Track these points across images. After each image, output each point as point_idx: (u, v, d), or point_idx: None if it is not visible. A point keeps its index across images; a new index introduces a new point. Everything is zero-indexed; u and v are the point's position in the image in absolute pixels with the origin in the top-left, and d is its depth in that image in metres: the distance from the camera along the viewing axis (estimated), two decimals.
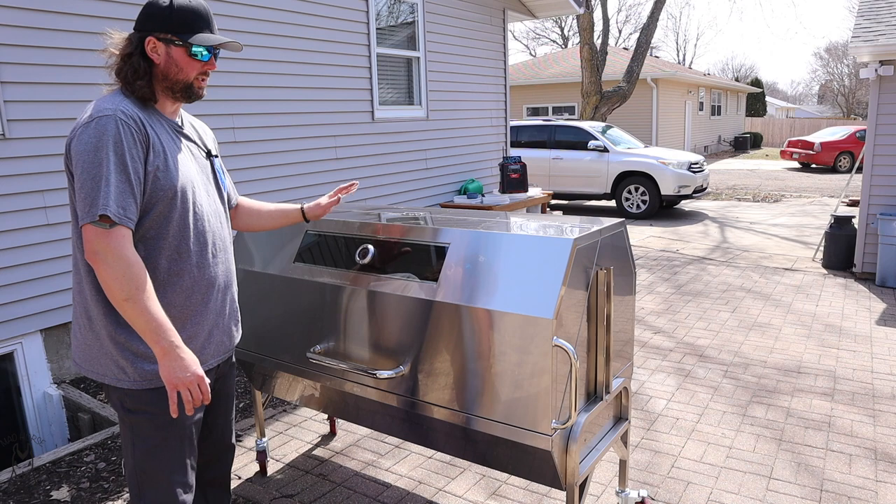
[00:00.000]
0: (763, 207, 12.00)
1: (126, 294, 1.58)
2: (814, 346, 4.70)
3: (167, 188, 1.71)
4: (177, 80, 1.76)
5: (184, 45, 1.75)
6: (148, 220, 1.70)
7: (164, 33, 1.73)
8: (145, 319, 1.60)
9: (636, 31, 40.17)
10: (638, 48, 14.52)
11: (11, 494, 3.01)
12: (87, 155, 1.60)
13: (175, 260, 1.75)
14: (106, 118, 1.62)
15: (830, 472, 3.03)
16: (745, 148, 28.93)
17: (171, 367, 1.63)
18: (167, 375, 1.63)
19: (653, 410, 3.72)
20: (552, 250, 1.97)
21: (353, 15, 6.16)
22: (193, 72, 1.78)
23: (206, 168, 1.91)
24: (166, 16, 1.73)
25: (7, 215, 3.84)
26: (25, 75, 3.88)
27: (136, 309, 1.59)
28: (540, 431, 1.94)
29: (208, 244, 1.83)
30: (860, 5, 7.30)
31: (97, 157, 1.59)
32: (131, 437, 1.78)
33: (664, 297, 6.06)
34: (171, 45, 1.74)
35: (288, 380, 2.71)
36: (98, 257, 1.59)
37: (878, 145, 6.40)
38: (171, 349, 1.62)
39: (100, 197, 1.57)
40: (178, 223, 1.74)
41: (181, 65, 1.76)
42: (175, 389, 1.64)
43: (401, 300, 2.20)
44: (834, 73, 51.61)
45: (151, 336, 1.61)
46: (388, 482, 3.02)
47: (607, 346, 2.17)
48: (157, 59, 1.74)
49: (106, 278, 1.59)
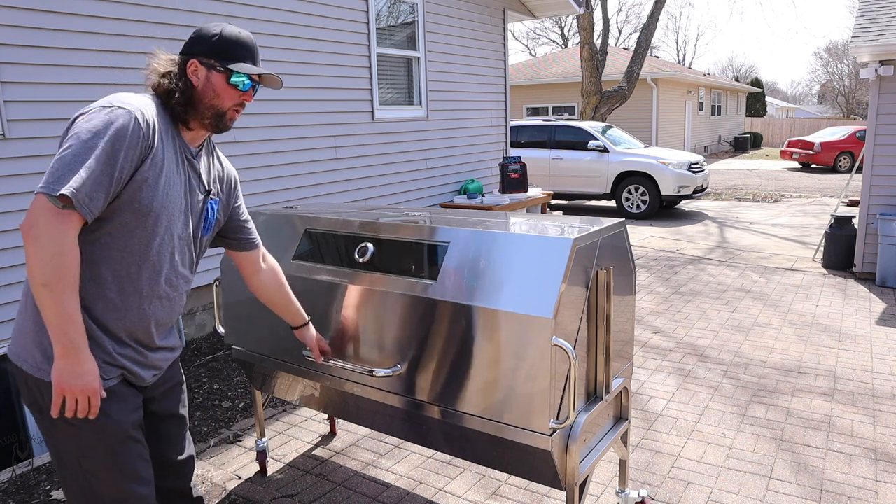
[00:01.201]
0: (763, 207, 12.00)
1: (45, 279, 1.48)
2: (814, 346, 4.70)
3: (145, 203, 1.63)
4: (211, 104, 1.75)
5: (224, 72, 1.74)
6: (110, 226, 1.61)
7: (208, 58, 1.74)
8: (56, 313, 1.50)
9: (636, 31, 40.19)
10: (638, 48, 14.53)
11: (11, 494, 3.01)
12: (84, 134, 1.53)
13: (120, 278, 1.65)
14: (123, 111, 1.58)
15: (830, 472, 3.03)
16: (745, 148, 28.93)
17: (65, 371, 1.53)
18: (57, 377, 1.54)
19: (653, 410, 3.72)
20: (552, 250, 1.97)
21: (353, 15, 6.16)
22: (230, 101, 1.77)
23: (196, 205, 1.82)
24: (213, 42, 1.74)
25: (7, 215, 3.84)
26: (25, 75, 3.88)
27: (50, 298, 1.49)
28: (539, 431, 1.94)
29: (161, 278, 1.73)
30: (860, 5, 7.30)
31: (93, 141, 1.52)
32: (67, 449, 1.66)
33: (664, 297, 6.06)
34: (212, 70, 1.74)
35: (288, 380, 2.71)
36: (32, 231, 1.48)
37: (878, 145, 6.40)
38: (72, 351, 1.53)
39: (70, 177, 1.48)
40: (140, 244, 1.66)
41: (218, 90, 1.75)
42: (61, 394, 1.55)
43: (399, 298, 2.20)
44: (834, 73, 51.63)
45: (56, 331, 1.52)
46: (388, 482, 3.02)
47: (607, 346, 2.17)
48: (197, 83, 1.74)
49: (32, 256, 1.49)
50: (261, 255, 2.13)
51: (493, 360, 2.00)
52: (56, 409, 1.56)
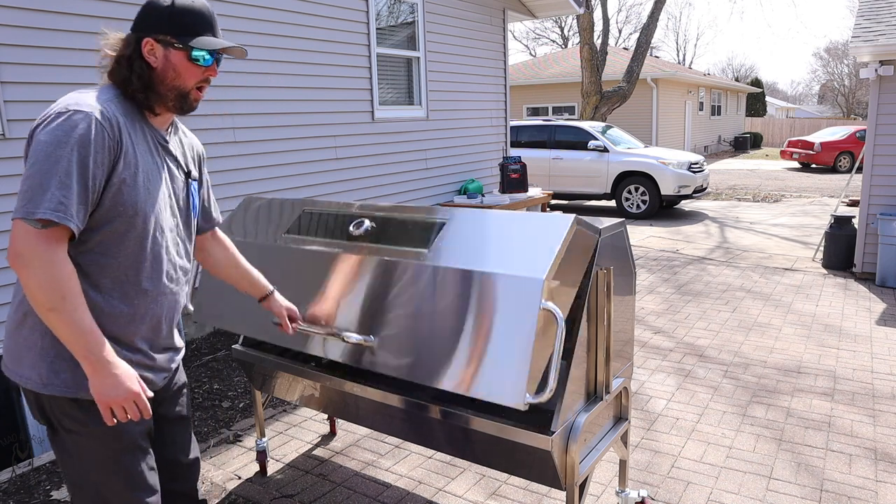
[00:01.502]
0: (763, 207, 12.00)
1: (51, 304, 1.43)
2: (814, 346, 4.70)
3: (129, 204, 1.56)
4: (173, 86, 1.63)
5: (184, 49, 1.61)
6: (100, 235, 1.54)
7: (163, 35, 1.60)
8: (72, 332, 1.45)
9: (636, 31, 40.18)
10: (638, 48, 14.53)
11: (11, 494, 3.01)
12: (47, 147, 1.44)
13: (121, 283, 1.60)
14: (81, 114, 1.48)
15: (830, 472, 3.03)
16: (745, 148, 28.93)
17: (103, 385, 1.49)
18: (98, 393, 1.49)
19: (653, 410, 3.72)
20: (552, 224, 1.96)
21: (353, 15, 6.16)
22: (192, 79, 1.65)
23: (180, 192, 1.75)
24: (166, 16, 1.60)
25: (7, 215, 3.84)
26: (25, 75, 3.88)
27: (62, 321, 1.44)
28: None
29: (162, 274, 1.67)
30: (860, 5, 7.30)
31: (56, 153, 1.43)
32: (74, 456, 1.62)
33: (664, 297, 6.06)
34: (169, 48, 1.61)
35: (288, 380, 2.71)
36: (21, 260, 1.42)
37: (878, 145, 6.40)
38: (102, 365, 1.48)
39: (45, 196, 1.41)
40: (134, 246, 1.59)
41: (179, 70, 1.62)
42: (108, 407, 1.51)
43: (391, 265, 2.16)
44: (834, 73, 51.64)
45: (80, 351, 1.47)
46: (388, 482, 3.02)
47: (607, 346, 2.17)
48: (155, 63, 1.61)
49: (29, 285, 1.42)
50: (215, 233, 2.05)
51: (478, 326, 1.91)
52: (109, 421, 1.54)
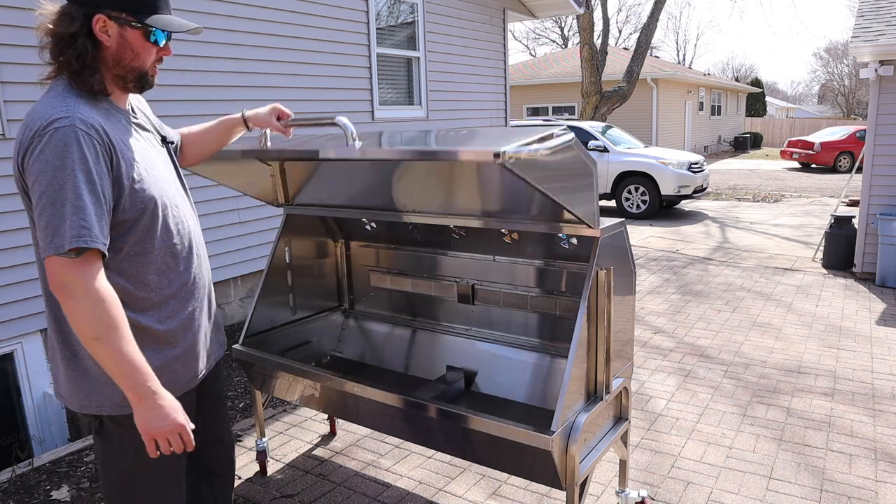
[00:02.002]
0: (763, 207, 11.99)
1: (96, 333, 1.40)
2: (814, 346, 4.70)
3: (148, 199, 1.54)
4: (131, 66, 1.53)
5: (141, 28, 1.50)
6: (132, 237, 1.53)
7: (118, 11, 1.47)
8: (117, 363, 1.42)
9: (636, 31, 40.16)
10: (638, 48, 14.52)
11: (11, 494, 3.01)
12: (46, 175, 1.37)
13: (164, 272, 1.60)
14: (64, 130, 1.39)
15: (830, 472, 3.03)
16: (745, 148, 28.92)
17: (148, 417, 1.47)
18: (143, 425, 1.48)
19: (653, 410, 3.72)
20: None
21: (353, 15, 6.16)
22: (150, 58, 1.56)
23: (167, 159, 1.71)
24: None
25: (7, 215, 3.84)
26: (25, 75, 3.87)
27: (107, 350, 1.41)
28: (539, 432, 1.94)
29: (193, 247, 1.70)
30: (860, 5, 7.30)
31: (58, 177, 1.37)
32: (124, 448, 1.64)
33: (664, 297, 6.06)
34: (125, 27, 1.49)
35: (288, 380, 2.71)
36: (66, 291, 1.39)
37: (878, 145, 6.39)
38: (146, 396, 1.46)
39: (65, 226, 1.36)
40: (163, 233, 1.58)
41: (137, 49, 1.52)
42: (151, 439, 1.50)
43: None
44: (834, 73, 51.63)
45: (125, 381, 1.44)
46: (388, 482, 3.02)
47: (607, 346, 2.17)
48: (108, 42, 1.49)
49: (73, 314, 1.40)
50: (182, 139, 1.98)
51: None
52: (153, 453, 1.52)
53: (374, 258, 3.23)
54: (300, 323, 3.15)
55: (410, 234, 3.03)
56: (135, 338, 1.48)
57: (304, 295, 3.18)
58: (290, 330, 3.09)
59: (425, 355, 3.09)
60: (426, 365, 3.07)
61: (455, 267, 2.95)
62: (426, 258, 3.04)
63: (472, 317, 2.98)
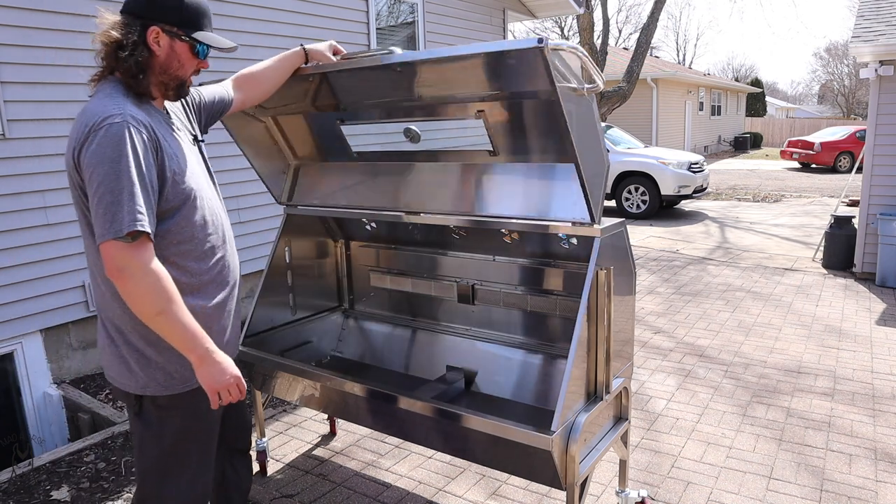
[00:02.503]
0: (763, 207, 11.99)
1: (158, 308, 1.55)
2: (814, 346, 4.70)
3: (187, 190, 1.69)
4: (175, 75, 1.71)
5: (189, 42, 1.70)
6: (174, 225, 1.67)
7: (171, 25, 1.67)
8: (179, 331, 1.58)
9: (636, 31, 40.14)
10: (638, 48, 14.51)
11: (11, 494, 3.01)
12: (103, 167, 1.51)
13: (202, 259, 1.75)
14: (118, 125, 1.54)
15: (830, 472, 3.03)
16: (745, 148, 28.92)
17: (211, 374, 1.64)
18: (208, 382, 1.65)
19: (653, 410, 3.72)
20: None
21: (353, 15, 6.16)
22: (191, 69, 1.75)
23: (198, 156, 1.86)
24: (175, 8, 1.66)
25: (7, 215, 3.84)
26: (25, 75, 3.88)
27: (169, 322, 1.57)
28: (539, 432, 1.94)
29: (226, 237, 1.86)
30: (860, 5, 7.30)
31: (115, 168, 1.51)
32: (162, 431, 1.78)
33: (664, 297, 6.06)
34: (175, 39, 1.68)
35: (288, 380, 2.71)
36: (124, 274, 1.52)
37: (878, 145, 6.39)
38: (207, 356, 1.63)
39: (123, 212, 1.50)
40: (200, 223, 1.74)
41: (182, 60, 1.71)
42: (216, 393, 1.67)
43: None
44: (834, 73, 51.62)
45: (186, 346, 1.60)
46: (388, 482, 3.02)
47: (607, 346, 2.17)
48: (158, 52, 1.67)
49: (134, 294, 1.54)
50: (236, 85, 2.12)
51: None
52: (216, 405, 1.69)
53: (374, 258, 3.23)
54: (300, 323, 3.15)
55: (410, 234, 3.03)
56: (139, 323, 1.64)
57: (304, 295, 3.18)
58: (290, 330, 3.09)
59: (425, 355, 3.09)
60: (426, 365, 3.07)
61: (455, 267, 2.95)
62: (426, 258, 3.04)
63: (472, 317, 2.98)
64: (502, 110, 2.26)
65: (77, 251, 4.17)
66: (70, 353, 4.26)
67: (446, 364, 2.99)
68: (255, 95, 2.17)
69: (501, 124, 2.32)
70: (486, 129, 2.33)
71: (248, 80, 2.14)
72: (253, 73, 2.16)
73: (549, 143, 2.28)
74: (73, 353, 4.27)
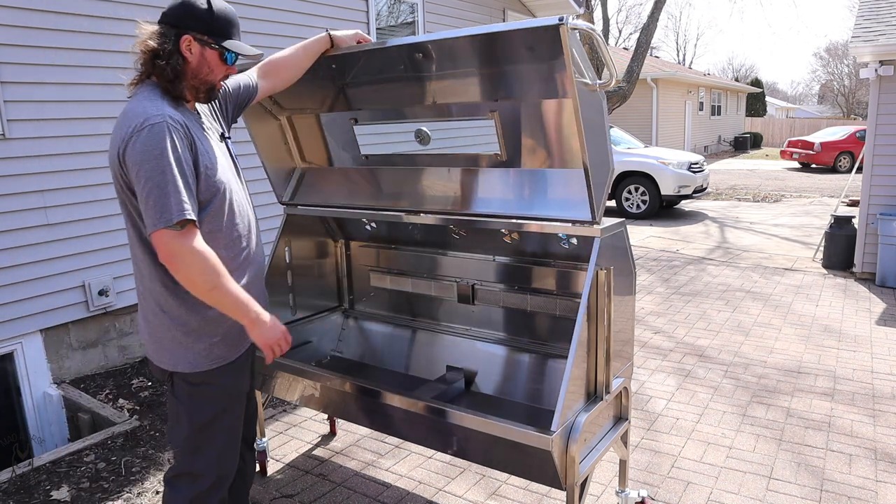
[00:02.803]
0: (763, 207, 11.99)
1: (211, 284, 1.74)
2: (814, 346, 4.70)
3: (218, 183, 1.84)
4: (206, 80, 1.86)
5: (219, 49, 1.84)
6: (207, 216, 1.82)
7: (202, 34, 1.81)
8: (231, 300, 1.79)
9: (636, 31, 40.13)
10: (638, 48, 14.50)
11: (11, 494, 3.01)
12: (148, 163, 1.67)
13: (231, 248, 1.91)
14: (158, 125, 1.69)
15: (830, 472, 3.03)
16: (745, 148, 28.92)
17: (262, 333, 1.87)
18: (262, 340, 1.88)
19: (653, 410, 3.72)
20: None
21: (353, 15, 6.16)
22: (220, 74, 1.89)
23: (226, 152, 2.00)
24: (206, 19, 1.81)
25: (7, 215, 3.84)
26: (25, 75, 3.88)
27: (221, 294, 1.76)
28: (539, 431, 1.94)
29: (252, 228, 2.01)
30: (860, 5, 7.30)
31: (159, 164, 1.67)
32: (192, 408, 1.93)
33: (664, 297, 6.06)
34: (206, 47, 1.83)
35: (288, 380, 2.71)
36: (177, 259, 1.70)
37: (878, 145, 6.39)
38: (257, 318, 1.84)
39: (171, 203, 1.66)
40: (229, 214, 1.89)
41: (212, 66, 1.85)
42: (270, 348, 1.89)
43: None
44: (834, 73, 51.62)
45: (238, 313, 1.81)
46: (388, 482, 3.02)
47: (607, 346, 2.17)
48: (190, 59, 1.82)
49: (188, 275, 1.73)
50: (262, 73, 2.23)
51: None
52: (271, 359, 1.92)
53: (374, 258, 3.23)
54: (300, 323, 3.15)
55: (410, 234, 3.03)
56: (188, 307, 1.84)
57: (304, 295, 3.18)
58: (290, 330, 3.05)
59: (425, 355, 3.09)
60: (426, 365, 3.07)
61: (455, 267, 2.95)
62: (426, 258, 3.04)
63: (472, 317, 2.98)
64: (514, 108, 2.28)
65: (77, 251, 4.17)
66: (70, 353, 4.26)
67: (446, 364, 2.99)
68: (281, 81, 2.28)
69: (512, 124, 2.33)
70: (496, 130, 2.35)
71: (273, 67, 2.26)
72: (278, 60, 2.27)
73: (558, 143, 2.28)
74: (73, 353, 4.27)
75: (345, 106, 2.71)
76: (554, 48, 1.92)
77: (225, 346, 1.94)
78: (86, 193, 4.20)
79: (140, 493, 3.00)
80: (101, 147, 4.26)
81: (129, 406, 3.88)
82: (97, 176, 4.25)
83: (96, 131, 4.23)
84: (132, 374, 4.35)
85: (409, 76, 2.39)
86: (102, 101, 4.25)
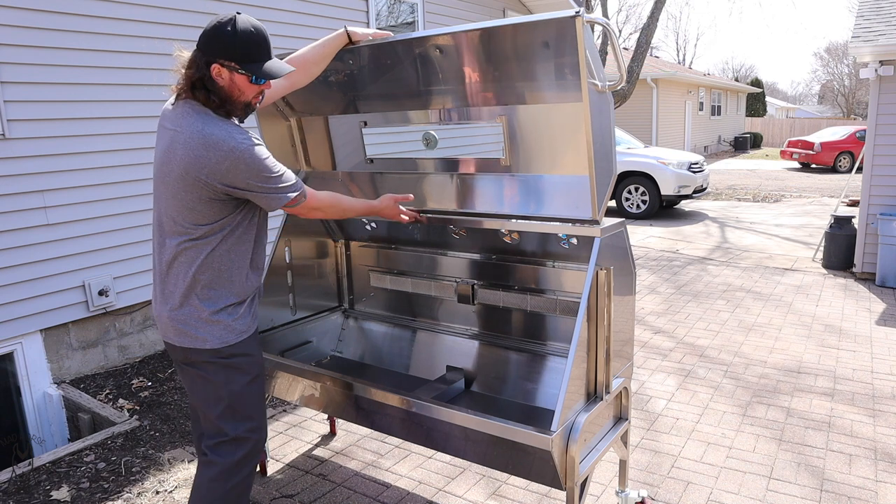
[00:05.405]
0: (763, 207, 11.99)
1: (342, 211, 2.25)
2: (814, 346, 4.70)
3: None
4: (238, 101, 1.99)
5: (246, 74, 1.94)
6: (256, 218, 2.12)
7: (228, 61, 1.91)
8: (356, 211, 2.29)
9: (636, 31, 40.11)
10: (638, 48, 14.51)
11: (11, 494, 3.01)
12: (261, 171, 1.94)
13: (258, 252, 2.19)
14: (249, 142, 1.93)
15: (830, 472, 3.03)
16: (745, 148, 28.91)
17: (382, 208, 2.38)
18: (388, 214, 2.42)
19: (653, 410, 3.72)
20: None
21: (353, 15, 6.16)
22: (252, 94, 2.00)
23: None
24: (231, 45, 1.89)
25: (7, 215, 3.84)
26: (25, 75, 3.88)
27: (351, 213, 2.29)
28: (539, 431, 1.94)
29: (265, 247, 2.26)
30: (860, 5, 7.30)
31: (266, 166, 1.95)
32: (228, 378, 2.11)
33: (664, 297, 6.06)
34: (234, 73, 1.93)
35: (288, 380, 2.71)
36: (315, 212, 2.15)
37: (878, 145, 6.39)
38: (375, 206, 2.36)
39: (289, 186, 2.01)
40: (261, 219, 2.17)
41: (242, 88, 1.96)
42: (398, 215, 2.43)
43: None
44: (834, 73, 51.61)
45: (366, 210, 2.33)
46: (388, 482, 3.02)
47: (607, 346, 2.17)
48: (221, 83, 1.94)
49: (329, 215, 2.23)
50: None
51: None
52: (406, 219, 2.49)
53: (374, 258, 3.23)
54: (300, 323, 3.15)
55: (410, 234, 3.04)
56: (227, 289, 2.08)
57: (304, 295, 3.18)
58: (290, 330, 3.09)
59: (425, 355, 3.09)
60: (426, 365, 3.07)
61: (455, 267, 2.95)
62: (426, 258, 3.04)
63: (472, 317, 2.98)
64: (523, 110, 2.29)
65: (77, 251, 4.18)
66: (70, 353, 4.26)
67: (446, 364, 2.99)
68: (300, 79, 2.37)
69: (519, 126, 2.34)
70: (503, 135, 2.36)
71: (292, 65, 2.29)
72: (296, 58, 2.34)
73: (564, 145, 2.28)
74: (72, 353, 4.27)
75: (355, 109, 2.74)
76: (568, 43, 1.92)
77: (243, 322, 2.13)
78: (86, 193, 4.20)
79: (140, 493, 3.00)
80: (102, 147, 4.26)
81: (129, 406, 3.88)
82: (97, 176, 4.25)
83: (97, 131, 4.24)
84: (132, 374, 4.35)
85: (420, 76, 2.41)
86: (103, 101, 4.25)
